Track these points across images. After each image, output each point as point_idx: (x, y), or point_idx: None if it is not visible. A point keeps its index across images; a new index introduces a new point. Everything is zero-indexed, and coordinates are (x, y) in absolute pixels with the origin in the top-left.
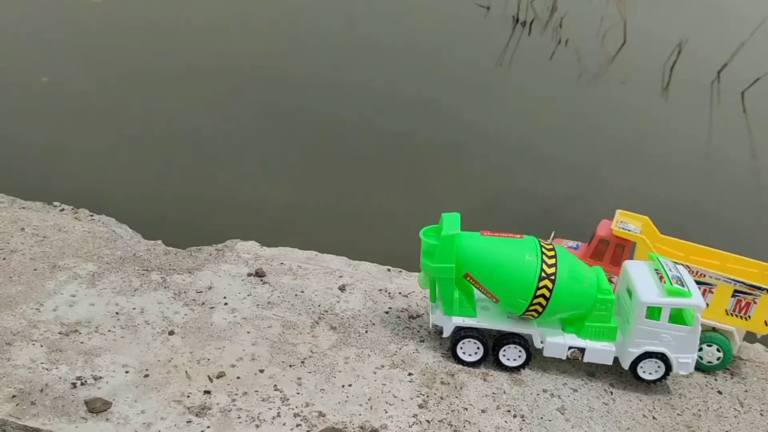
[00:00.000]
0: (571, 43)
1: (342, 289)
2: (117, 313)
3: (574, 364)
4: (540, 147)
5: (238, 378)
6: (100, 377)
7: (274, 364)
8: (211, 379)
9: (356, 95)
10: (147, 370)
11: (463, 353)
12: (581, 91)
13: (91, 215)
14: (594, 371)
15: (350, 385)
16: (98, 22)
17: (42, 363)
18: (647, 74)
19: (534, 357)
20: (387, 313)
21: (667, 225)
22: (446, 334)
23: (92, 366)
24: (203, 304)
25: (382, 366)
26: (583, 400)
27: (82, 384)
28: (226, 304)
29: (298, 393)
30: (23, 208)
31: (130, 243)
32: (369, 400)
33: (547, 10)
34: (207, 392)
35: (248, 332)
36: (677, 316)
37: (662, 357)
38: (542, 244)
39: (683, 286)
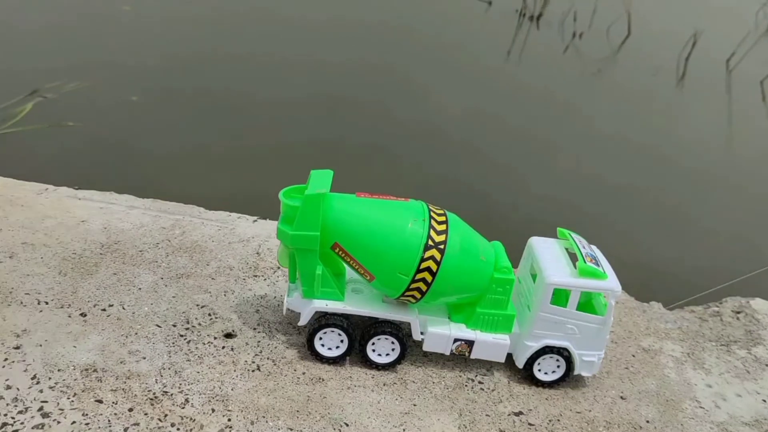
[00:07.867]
0: (572, 36)
1: None
2: None
3: None
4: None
5: None
6: None
7: None
8: None
9: (347, 86)
10: None
11: (323, 346)
12: (595, 87)
13: None
14: None
15: None
16: None
17: None
18: (658, 67)
19: (410, 353)
20: None
21: None
22: (303, 321)
23: None
24: None
25: None
26: None
27: None
28: None
29: None
30: None
31: None
32: None
33: (544, 2)
34: None
35: None
36: (585, 305)
37: (564, 353)
38: (432, 209)
39: (598, 266)
